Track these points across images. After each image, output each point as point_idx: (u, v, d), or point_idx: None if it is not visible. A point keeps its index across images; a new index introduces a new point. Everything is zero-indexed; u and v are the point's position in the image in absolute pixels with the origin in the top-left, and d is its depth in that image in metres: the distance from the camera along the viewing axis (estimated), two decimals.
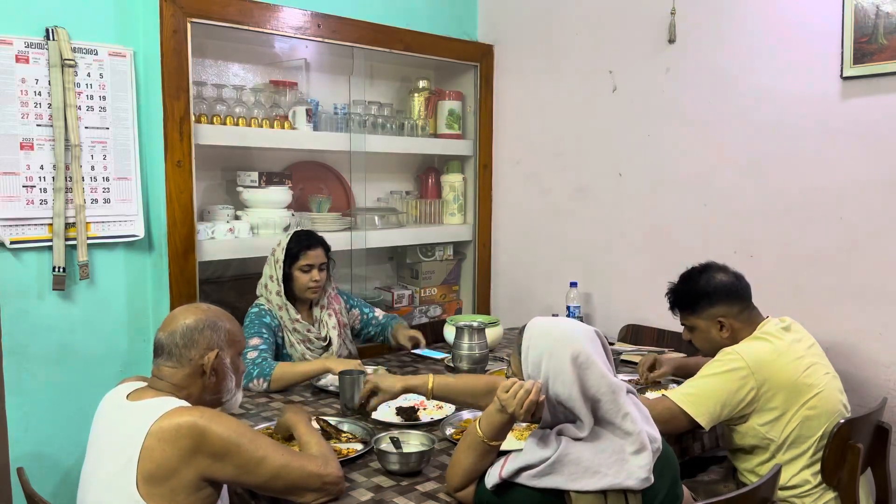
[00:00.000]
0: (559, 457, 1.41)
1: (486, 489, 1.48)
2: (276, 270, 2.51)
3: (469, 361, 2.44)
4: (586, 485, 1.39)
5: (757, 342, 1.97)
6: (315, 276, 2.51)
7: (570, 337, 1.49)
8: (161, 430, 1.42)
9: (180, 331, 1.58)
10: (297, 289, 2.52)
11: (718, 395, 1.90)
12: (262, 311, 2.49)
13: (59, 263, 2.38)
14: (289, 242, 2.53)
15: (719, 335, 2.03)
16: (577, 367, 1.44)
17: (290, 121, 2.99)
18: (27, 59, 2.32)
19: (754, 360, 1.90)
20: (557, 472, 1.40)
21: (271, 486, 1.50)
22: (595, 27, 3.13)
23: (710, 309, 2.03)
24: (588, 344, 1.49)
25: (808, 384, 1.91)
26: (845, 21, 2.36)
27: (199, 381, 1.59)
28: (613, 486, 1.39)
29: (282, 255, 2.50)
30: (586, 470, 1.40)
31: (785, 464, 1.90)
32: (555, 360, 1.46)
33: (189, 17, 2.54)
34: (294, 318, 2.51)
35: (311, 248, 2.52)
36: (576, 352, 1.45)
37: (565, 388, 1.44)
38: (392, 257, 3.69)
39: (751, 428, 1.93)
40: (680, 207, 2.89)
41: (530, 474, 1.42)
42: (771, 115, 2.59)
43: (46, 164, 2.37)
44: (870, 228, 2.39)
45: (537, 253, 3.46)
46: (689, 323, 2.11)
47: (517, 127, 3.52)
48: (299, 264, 2.50)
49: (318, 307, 2.62)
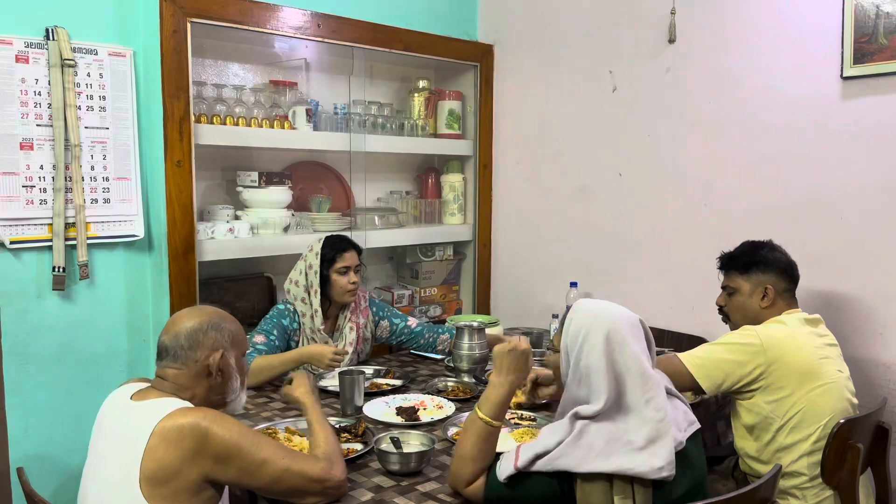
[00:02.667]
0: (573, 440, 1.43)
1: (497, 482, 1.49)
2: (312, 276, 2.50)
3: (469, 361, 2.44)
4: (595, 466, 1.40)
5: (775, 325, 2.02)
6: (353, 279, 2.54)
7: (610, 317, 1.53)
8: (164, 431, 1.42)
9: (185, 333, 1.58)
10: (336, 293, 2.53)
11: (724, 364, 1.95)
12: (285, 311, 2.50)
13: (58, 263, 2.38)
14: (323, 247, 2.54)
15: (759, 303, 2.09)
16: (609, 341, 1.48)
17: (290, 121, 2.99)
18: (27, 59, 2.31)
19: (769, 339, 1.94)
20: (569, 454, 1.42)
21: (272, 488, 1.51)
22: (595, 27, 3.13)
23: (762, 275, 2.09)
24: (626, 326, 1.52)
25: (818, 373, 1.93)
26: (845, 21, 2.36)
27: (205, 382, 1.59)
28: (621, 470, 1.39)
29: (316, 261, 2.50)
30: (598, 454, 1.41)
31: (785, 449, 1.92)
32: (591, 333, 1.50)
33: (189, 16, 2.54)
34: (317, 328, 2.51)
35: (346, 251, 2.54)
36: (612, 329, 1.50)
37: (595, 359, 1.48)
38: (392, 257, 3.69)
39: (755, 404, 1.95)
40: (680, 207, 2.89)
41: (544, 460, 1.44)
42: (771, 114, 2.59)
43: (46, 164, 2.37)
44: (870, 228, 2.39)
45: (537, 253, 3.46)
46: (734, 285, 2.14)
47: (517, 127, 3.52)
48: (336, 267, 2.51)
49: (344, 316, 2.60)
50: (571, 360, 1.52)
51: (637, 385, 1.46)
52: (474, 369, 2.45)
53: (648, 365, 1.50)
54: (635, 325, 1.55)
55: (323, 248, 2.53)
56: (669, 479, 1.40)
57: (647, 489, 1.41)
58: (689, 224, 2.86)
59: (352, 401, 2.10)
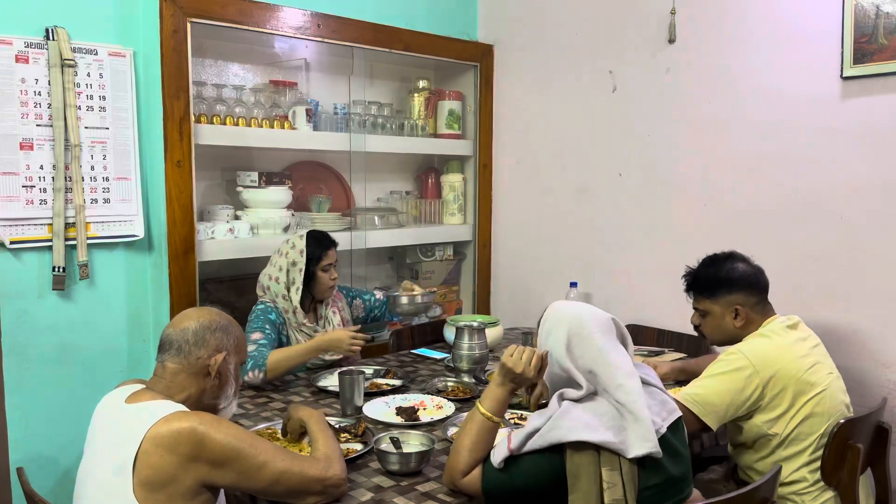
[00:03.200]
0: (560, 414, 1.49)
1: (493, 469, 1.53)
2: (296, 273, 2.49)
3: (469, 361, 2.44)
4: (582, 435, 1.44)
5: (760, 339, 1.98)
6: (334, 275, 2.56)
7: (576, 316, 1.63)
8: (159, 436, 1.41)
9: (193, 328, 1.58)
10: (319, 289, 2.55)
11: (724, 395, 1.90)
12: (269, 308, 2.49)
13: (58, 263, 2.38)
14: (308, 245, 2.53)
15: (733, 323, 2.04)
16: (572, 339, 1.58)
17: (290, 121, 2.99)
18: (27, 59, 2.31)
19: (758, 358, 1.91)
20: (558, 426, 1.47)
21: (272, 490, 1.50)
22: (595, 27, 3.13)
23: (729, 296, 2.04)
24: (592, 323, 1.60)
25: (812, 382, 1.91)
26: (845, 21, 2.36)
27: (201, 383, 1.59)
28: (607, 442, 1.44)
29: (301, 258, 2.50)
30: (586, 425, 1.46)
31: (785, 460, 1.90)
32: (559, 332, 1.61)
33: (189, 17, 2.54)
34: (301, 321, 2.51)
35: (330, 248, 2.56)
36: (576, 327, 1.60)
37: (562, 356, 1.59)
38: (392, 257, 3.69)
39: (754, 424, 1.93)
40: (680, 207, 2.89)
41: (536, 437, 1.48)
42: (771, 115, 2.59)
43: (46, 164, 2.37)
44: (870, 228, 2.39)
45: (537, 253, 3.46)
46: (703, 307, 2.11)
47: (517, 127, 3.52)
48: (322, 264, 2.52)
49: (324, 305, 2.63)
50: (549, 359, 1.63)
51: (606, 375, 1.53)
52: (474, 369, 2.45)
53: (617, 358, 1.56)
54: (604, 324, 1.62)
55: (309, 246, 2.53)
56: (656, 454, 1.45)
57: (633, 465, 1.45)
58: (689, 224, 2.86)
59: (351, 401, 2.10)
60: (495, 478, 1.52)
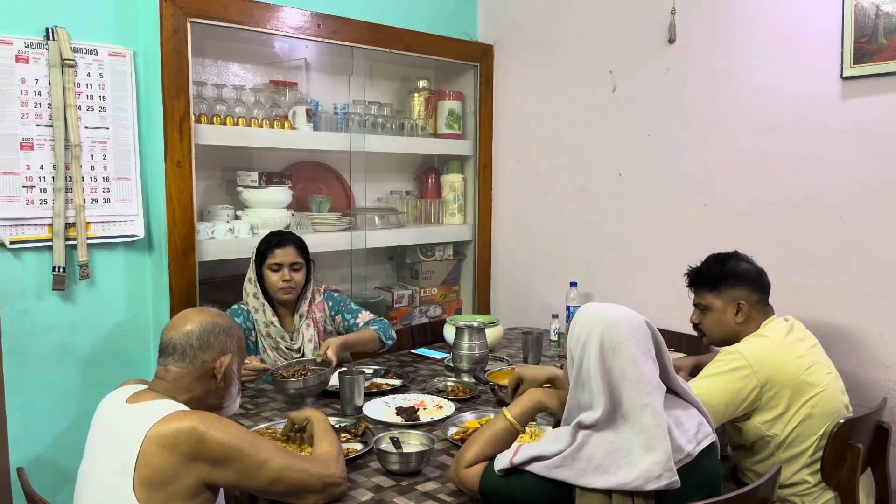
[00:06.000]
0: (572, 452, 1.43)
1: (493, 473, 1.52)
2: (251, 272, 2.51)
3: (469, 361, 2.44)
4: (593, 482, 1.40)
5: (758, 340, 1.98)
6: (285, 276, 2.45)
7: (609, 320, 1.51)
8: (160, 436, 1.41)
9: (196, 332, 1.58)
10: (269, 289, 2.49)
11: (722, 395, 1.90)
12: (238, 311, 2.48)
13: (58, 263, 2.38)
14: (260, 241, 2.51)
15: (734, 319, 2.05)
16: (604, 345, 1.48)
17: (290, 121, 2.99)
18: (27, 59, 2.31)
19: (756, 358, 1.91)
20: (568, 466, 1.43)
21: (272, 489, 1.50)
22: (595, 27, 3.13)
23: (732, 290, 2.05)
24: (626, 329, 1.50)
25: (810, 383, 1.91)
26: (845, 21, 2.36)
27: (206, 384, 1.59)
28: (620, 486, 1.39)
29: (253, 255, 2.50)
30: (597, 468, 1.41)
31: (784, 462, 1.90)
32: (590, 338, 1.50)
33: (189, 17, 2.54)
34: (269, 320, 2.48)
35: (279, 247, 2.46)
36: (609, 333, 1.49)
37: (592, 363, 1.47)
38: (392, 257, 3.69)
39: (753, 425, 1.93)
40: (680, 207, 2.89)
41: (541, 465, 1.45)
42: (771, 114, 2.59)
43: (46, 164, 2.37)
44: (870, 228, 2.39)
45: (537, 253, 3.46)
46: (705, 302, 2.11)
47: (517, 127, 3.52)
48: (267, 263, 2.46)
49: (298, 315, 2.55)
50: (574, 364, 1.52)
51: (634, 391, 1.45)
52: (474, 369, 2.45)
53: (648, 370, 1.47)
54: (638, 328, 1.52)
55: (259, 243, 2.51)
56: (673, 485, 1.38)
57: (650, 499, 1.39)
58: (689, 224, 2.86)
59: (352, 401, 2.10)
60: (494, 482, 1.52)
